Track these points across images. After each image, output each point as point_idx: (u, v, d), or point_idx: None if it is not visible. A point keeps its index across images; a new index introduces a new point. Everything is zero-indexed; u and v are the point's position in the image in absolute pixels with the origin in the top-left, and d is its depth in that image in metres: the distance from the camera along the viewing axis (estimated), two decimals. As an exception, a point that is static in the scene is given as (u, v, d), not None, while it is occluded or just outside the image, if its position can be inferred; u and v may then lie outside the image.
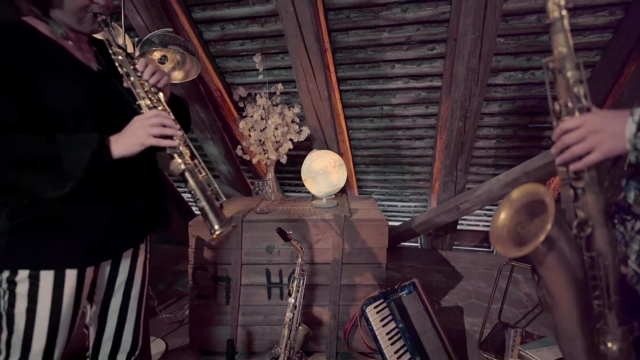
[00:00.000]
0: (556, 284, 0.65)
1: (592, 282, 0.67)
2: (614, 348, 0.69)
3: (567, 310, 0.66)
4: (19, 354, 0.82)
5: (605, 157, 0.60)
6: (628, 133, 0.57)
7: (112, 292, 0.99)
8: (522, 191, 0.70)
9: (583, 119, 0.62)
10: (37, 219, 0.81)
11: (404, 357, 1.50)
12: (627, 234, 0.71)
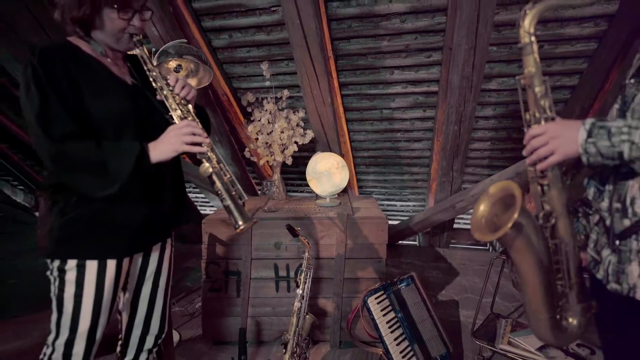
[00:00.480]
0: (524, 266, 0.78)
1: (555, 266, 0.80)
2: (574, 323, 0.82)
3: (533, 288, 0.78)
4: (68, 333, 0.94)
5: (564, 158, 0.73)
6: (580, 139, 0.70)
7: (143, 281, 1.11)
8: (498, 187, 0.83)
9: (547, 127, 0.75)
10: (83, 216, 0.93)
11: (402, 344, 1.62)
12: (588, 226, 0.83)
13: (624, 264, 0.72)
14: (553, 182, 0.79)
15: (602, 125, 0.68)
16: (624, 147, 0.65)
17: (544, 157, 0.75)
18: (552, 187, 0.79)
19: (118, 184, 0.88)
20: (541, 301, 0.81)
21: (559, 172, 0.78)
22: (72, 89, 0.90)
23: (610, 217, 0.75)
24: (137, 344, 1.14)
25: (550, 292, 0.81)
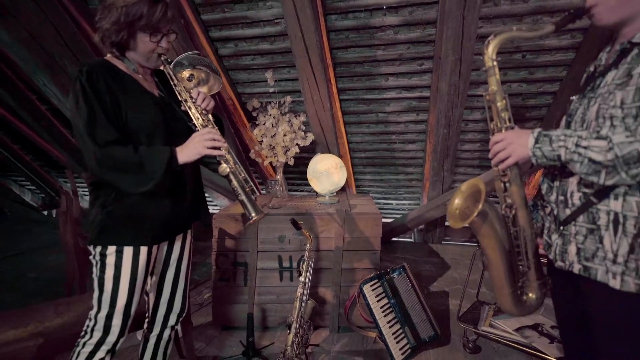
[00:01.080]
0: (489, 249, 0.95)
1: (516, 249, 0.97)
2: (532, 297, 0.99)
3: (497, 268, 0.96)
4: (108, 308, 1.11)
5: (518, 160, 0.90)
6: (530, 144, 0.87)
7: (168, 266, 1.28)
8: (468, 184, 1.01)
9: (505, 135, 0.92)
10: (120, 209, 1.11)
11: (395, 327, 1.80)
12: (544, 216, 1.01)
13: (566, 245, 0.89)
14: (513, 179, 0.96)
15: (545, 134, 0.86)
16: (561, 151, 0.82)
17: (503, 159, 0.93)
18: (513, 183, 0.96)
19: (153, 182, 1.05)
20: (504, 278, 0.99)
21: (518, 172, 0.96)
22: (113, 101, 1.07)
23: (557, 207, 0.92)
24: (162, 321, 1.31)
25: (512, 271, 0.99)
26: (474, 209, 0.93)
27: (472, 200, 0.98)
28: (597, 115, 0.82)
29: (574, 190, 0.87)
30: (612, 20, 0.84)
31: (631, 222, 0.77)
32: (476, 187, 0.98)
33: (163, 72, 1.21)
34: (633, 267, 0.77)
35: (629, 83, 0.76)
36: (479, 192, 0.97)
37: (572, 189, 0.88)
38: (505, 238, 0.95)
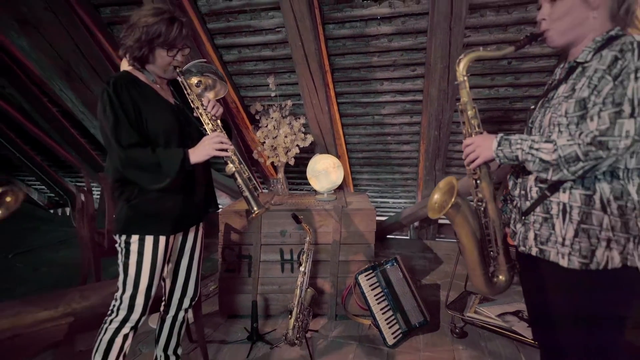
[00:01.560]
0: (463, 236, 1.11)
1: (487, 237, 1.13)
2: (502, 279, 1.15)
3: (470, 253, 1.11)
4: (132, 290, 1.26)
5: (485, 161, 1.05)
6: (493, 147, 1.02)
7: (182, 255, 1.44)
8: (444, 182, 1.16)
9: (474, 139, 1.08)
10: (142, 203, 1.26)
11: (387, 314, 1.96)
12: (512, 208, 1.16)
13: (527, 232, 1.05)
14: (483, 177, 1.11)
15: (506, 138, 1.01)
16: (518, 152, 0.97)
17: (473, 159, 1.08)
18: (482, 180, 1.12)
19: (169, 179, 1.20)
20: (477, 262, 1.14)
21: (487, 170, 1.11)
22: (135, 109, 1.23)
23: (520, 200, 1.08)
24: (177, 304, 1.46)
25: (483, 256, 1.14)
26: (449, 202, 1.08)
27: (448, 195, 1.14)
28: (549, 122, 0.97)
29: (532, 185, 1.03)
30: (561, 43, 0.99)
31: (576, 211, 0.92)
32: (451, 184, 1.14)
33: (177, 81, 1.37)
34: (577, 249, 0.92)
35: (572, 96, 0.92)
36: (453, 188, 1.12)
37: (530, 184, 1.03)
38: (477, 228, 1.11)
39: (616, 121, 0.81)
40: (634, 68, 0.81)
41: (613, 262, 0.88)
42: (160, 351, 1.49)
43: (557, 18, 0.97)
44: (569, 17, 0.96)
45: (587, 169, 0.86)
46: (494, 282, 1.15)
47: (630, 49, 0.84)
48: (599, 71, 0.87)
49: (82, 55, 2.48)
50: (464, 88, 1.11)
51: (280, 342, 1.93)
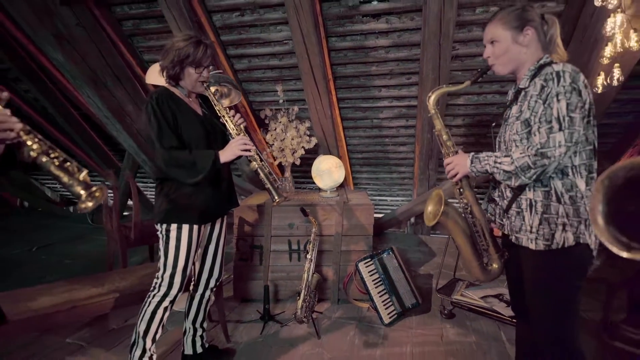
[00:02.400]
0: (456, 235, 1.35)
1: (477, 234, 1.37)
2: (495, 266, 1.39)
3: (464, 248, 1.35)
4: (171, 269, 1.51)
5: (463, 175, 1.29)
6: (468, 164, 1.27)
7: (210, 242, 1.69)
8: (433, 194, 1.41)
9: (452, 158, 1.31)
10: (179, 197, 1.51)
11: (384, 297, 2.22)
12: (494, 207, 1.40)
13: (511, 224, 1.28)
14: (464, 187, 1.35)
15: (476, 157, 1.25)
16: (487, 167, 1.21)
17: (454, 175, 1.33)
18: (465, 189, 1.36)
19: (202, 175, 1.45)
20: (471, 255, 1.38)
21: (467, 181, 1.36)
22: (173, 118, 1.48)
23: (500, 200, 1.33)
24: (204, 284, 1.72)
25: (476, 250, 1.38)
26: (440, 210, 1.34)
27: (438, 205, 1.39)
28: (509, 138, 1.23)
29: (506, 188, 1.28)
30: (506, 72, 1.24)
31: (539, 204, 1.17)
32: (439, 195, 1.39)
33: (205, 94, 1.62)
34: (541, 234, 1.16)
35: (520, 117, 1.17)
36: (441, 199, 1.37)
37: (503, 187, 1.29)
38: (466, 227, 1.36)
39: (550, 135, 1.07)
40: (555, 93, 1.06)
41: (568, 241, 1.12)
42: (189, 324, 1.75)
43: (498, 56, 1.22)
44: (507, 54, 1.21)
45: (539, 173, 1.11)
46: (489, 270, 1.39)
47: (551, 78, 1.09)
48: (534, 97, 1.12)
49: (107, 65, 2.73)
50: (436, 119, 1.36)
51: (290, 322, 2.19)
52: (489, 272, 1.39)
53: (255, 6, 2.57)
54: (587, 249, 1.12)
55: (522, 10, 1.20)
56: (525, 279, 1.24)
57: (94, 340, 2.00)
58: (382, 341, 2.03)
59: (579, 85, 1.07)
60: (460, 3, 2.29)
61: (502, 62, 1.23)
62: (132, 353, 1.53)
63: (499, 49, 1.21)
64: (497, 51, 1.22)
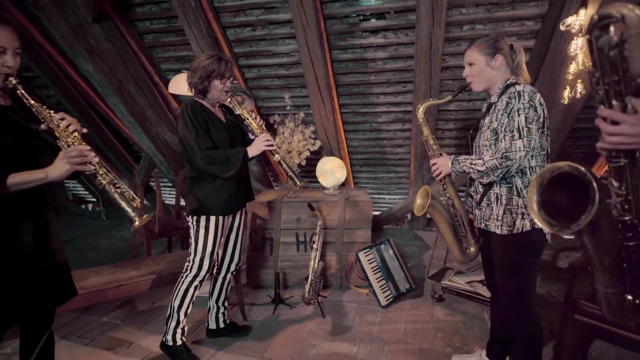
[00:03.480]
0: (441, 224, 1.63)
1: (457, 223, 1.65)
2: (472, 250, 1.67)
3: (447, 234, 1.63)
4: (201, 254, 1.80)
5: (446, 174, 1.58)
6: (449, 164, 1.55)
7: (231, 231, 1.97)
8: (422, 190, 1.69)
9: (437, 160, 1.59)
10: (208, 193, 1.79)
11: (381, 282, 2.50)
12: (471, 201, 1.69)
13: (482, 214, 1.57)
14: (447, 184, 1.64)
15: (456, 159, 1.53)
16: (464, 167, 1.50)
17: (438, 174, 1.61)
18: (448, 186, 1.64)
19: (235, 169, 1.74)
20: (452, 240, 1.66)
21: (450, 179, 1.64)
22: (205, 125, 1.76)
23: (475, 195, 1.61)
24: (226, 268, 2.00)
25: (456, 235, 1.66)
26: (427, 203, 1.62)
27: (426, 199, 1.67)
28: (481, 144, 1.51)
29: (479, 185, 1.56)
30: (481, 90, 1.53)
31: (504, 198, 1.45)
32: (426, 191, 1.67)
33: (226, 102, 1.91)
34: (505, 221, 1.44)
35: (490, 127, 1.45)
36: (428, 194, 1.66)
37: (478, 184, 1.57)
38: (449, 217, 1.64)
39: (512, 142, 1.35)
40: (517, 108, 1.35)
41: (526, 227, 1.40)
42: (213, 302, 2.03)
43: (474, 76, 1.51)
44: (481, 75, 1.49)
45: (504, 172, 1.39)
46: (467, 253, 1.67)
47: (514, 96, 1.37)
48: (501, 110, 1.41)
49: (130, 75, 3.02)
50: (424, 126, 1.64)
51: (298, 304, 2.47)
52: (467, 254, 1.67)
53: (265, 22, 2.86)
54: (541, 233, 1.41)
55: (494, 40, 1.48)
56: (494, 257, 1.53)
57: (127, 320, 2.29)
58: (379, 320, 2.32)
59: (535, 102, 1.35)
60: (448, 22, 2.58)
61: (477, 81, 1.51)
62: (168, 324, 1.82)
63: (475, 70, 1.49)
64: (473, 72, 1.50)
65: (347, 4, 2.66)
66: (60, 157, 1.14)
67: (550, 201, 1.00)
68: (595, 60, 0.80)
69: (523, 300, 1.45)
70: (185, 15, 2.61)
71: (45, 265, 1.26)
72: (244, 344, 2.04)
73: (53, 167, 1.13)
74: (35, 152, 1.22)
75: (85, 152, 1.16)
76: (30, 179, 1.12)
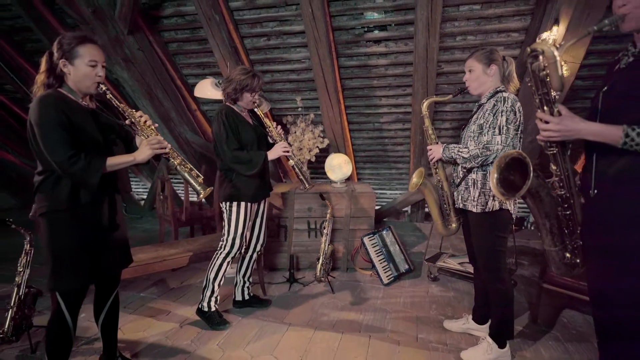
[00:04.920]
0: (429, 201, 1.96)
1: (443, 201, 2.00)
2: (454, 226, 2.01)
3: (433, 209, 1.97)
4: (233, 234, 2.14)
5: (438, 159, 1.91)
6: (441, 151, 1.89)
7: (257, 216, 2.32)
8: (418, 170, 2.03)
9: (432, 147, 1.93)
10: (239, 183, 2.14)
11: (383, 263, 2.84)
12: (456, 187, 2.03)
13: (461, 195, 1.91)
14: (439, 168, 1.97)
15: (447, 147, 1.87)
16: (452, 154, 1.84)
17: (432, 159, 1.95)
18: (439, 170, 1.98)
19: (257, 169, 2.08)
20: (437, 215, 2.00)
21: (442, 164, 1.98)
22: (236, 128, 2.10)
23: (456, 179, 1.95)
24: (252, 247, 2.34)
25: (441, 212, 2.00)
26: (420, 182, 1.96)
27: (420, 178, 2.01)
28: (467, 136, 1.85)
29: (460, 170, 1.90)
30: (476, 93, 1.85)
31: (479, 182, 1.78)
32: (421, 172, 2.01)
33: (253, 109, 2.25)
34: (480, 202, 1.77)
35: (476, 122, 1.79)
36: (422, 174, 2.00)
37: (460, 169, 1.91)
38: (437, 197, 1.98)
39: (493, 137, 1.68)
40: (501, 110, 1.68)
41: (495, 207, 1.74)
42: (240, 277, 2.38)
43: (472, 81, 1.84)
44: (478, 80, 1.83)
45: (483, 160, 1.73)
46: (449, 228, 2.02)
47: (501, 100, 1.70)
48: (488, 110, 1.74)
49: (158, 80, 3.36)
50: (426, 118, 1.98)
51: (311, 282, 2.82)
52: (449, 229, 2.01)
53: (279, 33, 3.20)
54: (508, 213, 1.74)
55: (490, 53, 1.80)
56: (472, 233, 1.87)
57: (161, 295, 2.64)
58: (381, 295, 2.66)
59: (515, 108, 1.68)
60: (443, 33, 2.91)
61: (474, 86, 1.84)
62: (204, 293, 2.17)
63: (473, 76, 1.82)
64: (471, 77, 1.83)
65: (353, 17, 3.00)
66: (144, 144, 1.48)
67: (505, 178, 1.34)
68: (531, 78, 1.15)
69: (496, 266, 1.78)
70: (210, 27, 2.95)
71: (114, 235, 1.59)
72: (265, 313, 2.38)
73: (139, 152, 1.47)
74: (111, 143, 1.56)
75: (162, 140, 1.50)
76: (122, 161, 1.46)
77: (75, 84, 1.45)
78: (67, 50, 1.40)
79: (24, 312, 1.95)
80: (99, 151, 1.46)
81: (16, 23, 3.54)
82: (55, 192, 1.40)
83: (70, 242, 1.41)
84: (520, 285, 2.80)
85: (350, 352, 1.94)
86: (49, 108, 1.35)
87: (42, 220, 1.41)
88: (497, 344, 1.82)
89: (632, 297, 1.06)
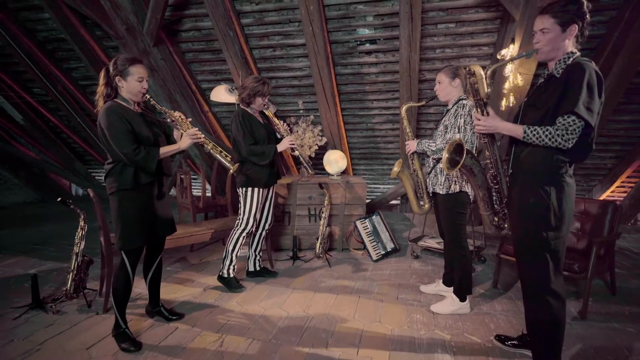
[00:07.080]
0: (407, 186, 2.45)
1: (418, 186, 2.49)
2: (426, 206, 2.50)
3: (410, 192, 2.45)
4: (247, 214, 2.62)
5: (414, 151, 2.39)
6: (416, 144, 2.37)
7: (266, 200, 2.80)
8: (397, 162, 2.52)
9: (409, 142, 2.41)
10: (252, 172, 2.62)
11: (373, 243, 3.33)
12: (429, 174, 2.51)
13: (431, 180, 2.39)
14: (415, 158, 2.46)
15: (420, 141, 2.36)
16: (424, 148, 2.33)
17: (408, 151, 2.44)
18: (415, 160, 2.47)
19: (269, 159, 2.56)
20: (413, 197, 2.49)
21: (417, 155, 2.47)
22: (250, 127, 2.59)
23: (429, 167, 2.44)
24: (262, 226, 2.83)
25: (416, 195, 2.49)
26: (398, 169, 2.45)
27: (399, 167, 2.50)
28: (436, 135, 2.34)
29: (431, 160, 2.39)
30: (444, 100, 2.35)
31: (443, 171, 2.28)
32: (400, 162, 2.51)
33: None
34: (445, 186, 2.25)
35: (443, 123, 2.27)
36: (400, 164, 2.49)
37: (431, 160, 2.40)
38: (413, 182, 2.47)
39: (454, 134, 2.17)
40: (460, 114, 2.17)
41: (456, 189, 2.23)
42: (252, 251, 2.86)
43: (441, 90, 2.33)
44: (445, 90, 2.31)
45: None
46: (422, 207, 2.51)
47: (461, 106, 2.19)
48: (452, 113, 2.23)
49: (177, 86, 3.84)
50: (405, 119, 2.47)
51: (311, 259, 3.31)
52: (422, 208, 2.49)
53: (284, 45, 3.68)
54: (466, 195, 2.24)
55: (455, 69, 2.29)
56: (439, 210, 2.36)
57: (185, 269, 3.12)
58: (371, 268, 3.15)
59: (472, 113, 2.18)
60: (424, 47, 3.41)
61: (442, 95, 2.33)
62: (224, 263, 2.65)
63: (442, 87, 2.31)
64: (440, 88, 2.32)
65: (347, 32, 3.49)
66: (185, 136, 1.96)
67: (452, 159, 1.83)
68: (469, 89, 1.64)
69: (457, 236, 2.28)
70: (225, 42, 3.43)
71: (164, 208, 2.07)
72: (274, 281, 2.87)
73: (182, 142, 1.96)
74: (157, 137, 2.03)
75: (198, 132, 1.98)
76: (170, 150, 1.94)
77: (128, 95, 1.92)
78: (121, 70, 1.87)
79: (80, 275, 2.43)
80: (150, 144, 1.94)
81: (50, 35, 4.01)
82: (122, 176, 1.88)
83: (133, 213, 1.89)
84: (488, 261, 3.30)
85: (343, 307, 2.43)
86: (114, 115, 1.83)
87: (111, 197, 1.89)
88: (458, 297, 2.31)
89: (521, 238, 1.56)
